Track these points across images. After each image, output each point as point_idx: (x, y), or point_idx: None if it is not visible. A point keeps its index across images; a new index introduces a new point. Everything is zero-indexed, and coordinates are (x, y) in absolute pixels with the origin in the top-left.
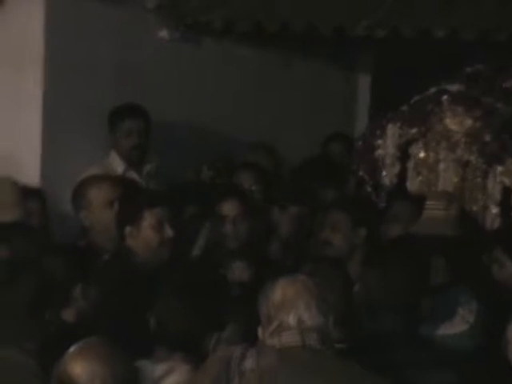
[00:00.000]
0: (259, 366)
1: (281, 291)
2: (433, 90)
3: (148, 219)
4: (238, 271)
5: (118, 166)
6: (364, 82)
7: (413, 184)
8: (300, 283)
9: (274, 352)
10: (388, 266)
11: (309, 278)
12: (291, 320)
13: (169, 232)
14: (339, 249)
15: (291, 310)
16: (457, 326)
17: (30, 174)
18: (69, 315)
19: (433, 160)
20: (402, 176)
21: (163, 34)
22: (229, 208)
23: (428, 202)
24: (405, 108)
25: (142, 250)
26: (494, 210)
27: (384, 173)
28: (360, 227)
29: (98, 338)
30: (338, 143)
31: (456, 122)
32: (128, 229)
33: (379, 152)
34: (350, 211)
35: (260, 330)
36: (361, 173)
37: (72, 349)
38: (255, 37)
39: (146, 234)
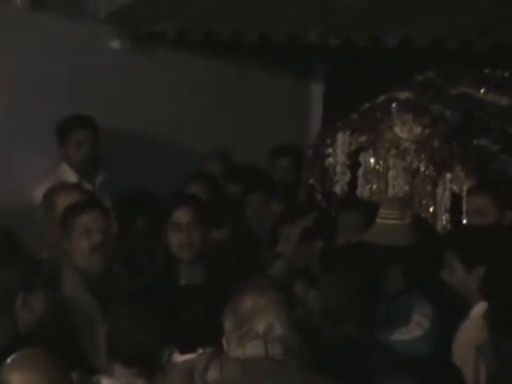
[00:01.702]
0: (222, 377)
1: (251, 300)
2: (382, 97)
3: (76, 227)
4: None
5: (70, 177)
6: (317, 91)
7: (363, 192)
8: (270, 295)
9: (238, 363)
10: (342, 274)
11: (277, 291)
12: (261, 327)
13: (97, 237)
14: (294, 262)
15: (262, 317)
16: (412, 331)
17: None
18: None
19: (382, 168)
20: (352, 184)
21: (115, 44)
22: (181, 216)
23: (381, 210)
24: (355, 116)
25: (78, 260)
26: (444, 216)
27: (334, 181)
28: (314, 240)
29: (35, 349)
30: (287, 158)
31: (405, 130)
32: (65, 244)
33: (329, 160)
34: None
35: (224, 342)
36: (311, 181)
37: (9, 360)
38: (208, 46)
39: (77, 242)
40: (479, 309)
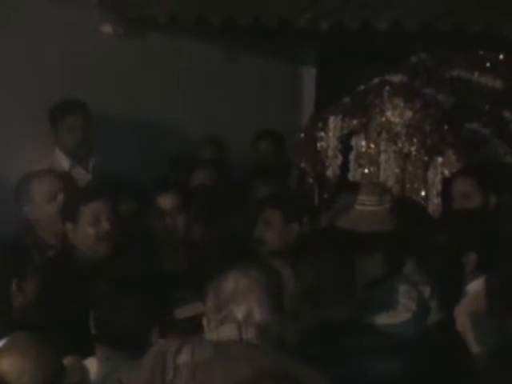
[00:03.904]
0: (193, 359)
1: (233, 282)
2: (375, 80)
3: (84, 215)
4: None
5: (63, 162)
6: (309, 75)
7: (355, 175)
8: (254, 277)
9: (210, 346)
10: (323, 259)
11: (262, 273)
12: (240, 313)
13: (105, 226)
14: (273, 245)
15: (242, 302)
16: (400, 314)
17: None
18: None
19: (374, 152)
20: (344, 168)
21: (107, 29)
22: (165, 202)
23: (359, 197)
24: (347, 100)
25: (81, 246)
26: (435, 200)
27: (326, 165)
28: (293, 223)
29: (25, 333)
30: (267, 141)
31: (396, 114)
32: (68, 225)
33: (321, 144)
34: (283, 207)
35: (205, 321)
36: (303, 165)
37: None
38: (200, 30)
39: (84, 229)
40: (474, 287)
